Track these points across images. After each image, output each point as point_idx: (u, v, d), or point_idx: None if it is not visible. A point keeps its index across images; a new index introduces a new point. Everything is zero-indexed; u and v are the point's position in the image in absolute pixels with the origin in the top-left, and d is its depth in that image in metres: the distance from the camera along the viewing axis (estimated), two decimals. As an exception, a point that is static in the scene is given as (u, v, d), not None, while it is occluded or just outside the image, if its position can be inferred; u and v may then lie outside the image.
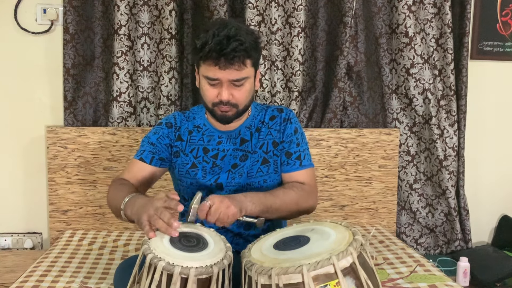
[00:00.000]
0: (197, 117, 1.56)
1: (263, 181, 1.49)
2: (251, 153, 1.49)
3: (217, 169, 1.48)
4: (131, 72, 2.17)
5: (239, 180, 1.47)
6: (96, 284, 1.54)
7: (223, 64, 1.32)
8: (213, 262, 1.08)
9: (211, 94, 1.39)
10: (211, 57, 1.32)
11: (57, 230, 2.15)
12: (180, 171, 1.52)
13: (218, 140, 1.51)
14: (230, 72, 1.34)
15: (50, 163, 2.13)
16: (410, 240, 2.41)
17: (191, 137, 1.52)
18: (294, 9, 2.20)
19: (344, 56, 2.23)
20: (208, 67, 1.35)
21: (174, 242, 1.12)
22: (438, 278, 1.56)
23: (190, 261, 1.06)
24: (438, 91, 2.32)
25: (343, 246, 1.04)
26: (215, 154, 1.49)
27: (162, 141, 1.51)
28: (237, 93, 1.38)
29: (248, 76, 1.39)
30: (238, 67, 1.34)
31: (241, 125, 1.52)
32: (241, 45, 1.31)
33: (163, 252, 1.07)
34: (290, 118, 1.52)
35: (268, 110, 1.55)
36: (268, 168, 1.49)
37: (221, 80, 1.36)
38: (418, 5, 2.28)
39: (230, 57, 1.31)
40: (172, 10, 2.12)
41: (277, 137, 1.51)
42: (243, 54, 1.33)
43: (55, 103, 2.21)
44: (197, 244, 1.14)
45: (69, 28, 2.11)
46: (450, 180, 2.33)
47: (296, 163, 1.49)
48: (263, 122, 1.53)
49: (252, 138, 1.51)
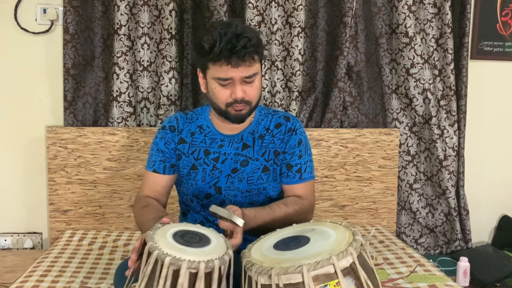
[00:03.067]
0: (200, 118, 1.55)
1: (263, 188, 1.48)
2: (252, 160, 1.48)
3: (216, 172, 1.47)
4: (131, 72, 2.17)
5: (238, 185, 1.47)
6: (96, 284, 1.54)
7: (235, 62, 1.32)
8: (216, 257, 1.08)
9: (223, 95, 1.38)
10: (223, 57, 1.31)
11: (57, 230, 2.15)
12: (181, 173, 1.52)
13: (220, 143, 1.50)
14: (242, 70, 1.34)
15: (50, 163, 2.13)
16: (410, 240, 2.41)
17: (193, 139, 1.51)
18: (294, 9, 2.20)
19: (344, 56, 2.23)
20: (219, 68, 1.34)
21: (177, 237, 1.12)
22: (438, 278, 1.57)
23: (196, 255, 1.06)
24: (438, 91, 2.32)
25: (343, 246, 1.04)
26: (216, 157, 1.49)
27: (169, 146, 1.51)
28: (249, 90, 1.38)
29: (258, 72, 1.40)
30: (249, 64, 1.34)
31: (244, 130, 1.50)
32: (250, 41, 1.32)
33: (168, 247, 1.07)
34: (296, 128, 1.51)
35: (275, 116, 1.54)
36: (268, 176, 1.48)
37: (233, 79, 1.35)
38: (418, 5, 2.28)
39: (241, 54, 1.31)
40: (172, 10, 2.12)
41: (280, 147, 1.49)
42: (252, 50, 1.33)
43: (55, 103, 2.21)
44: (200, 241, 1.14)
45: (69, 28, 2.11)
46: (450, 180, 2.33)
47: (296, 176, 1.49)
48: (267, 129, 1.51)
49: (254, 145, 1.49)
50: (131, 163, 2.15)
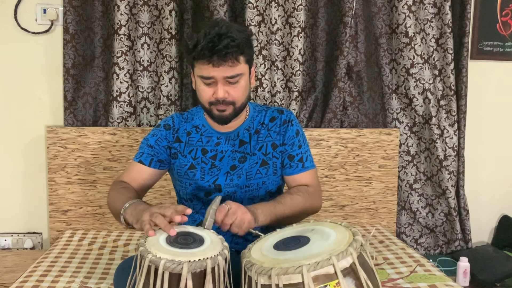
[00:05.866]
0: (195, 118, 1.56)
1: (262, 182, 1.49)
2: (250, 155, 1.49)
3: (215, 170, 1.48)
4: (131, 72, 2.17)
5: (237, 182, 1.47)
6: (96, 284, 1.54)
7: (216, 62, 1.32)
8: (207, 256, 1.08)
9: (206, 94, 1.40)
10: (204, 56, 1.32)
11: (57, 230, 2.15)
12: (178, 172, 1.52)
13: (217, 141, 1.51)
14: (224, 69, 1.34)
15: (50, 163, 2.13)
16: (410, 240, 2.41)
17: (189, 138, 1.52)
18: (294, 9, 2.20)
19: (344, 56, 2.23)
20: (202, 66, 1.35)
21: (171, 241, 1.13)
22: (438, 278, 1.56)
23: (183, 256, 1.06)
24: (438, 91, 2.32)
25: (343, 246, 1.04)
26: (213, 155, 1.49)
27: (160, 143, 1.52)
28: (233, 91, 1.39)
29: (243, 72, 1.39)
30: (232, 64, 1.34)
31: (239, 127, 1.51)
32: (233, 41, 1.32)
33: (155, 248, 1.09)
34: (291, 120, 1.53)
35: (268, 111, 1.55)
36: (267, 170, 1.49)
37: (216, 78, 1.36)
38: (418, 5, 2.28)
39: (222, 54, 1.31)
40: (172, 10, 2.12)
41: (277, 139, 1.51)
42: (236, 50, 1.33)
43: (55, 103, 2.21)
44: (193, 242, 1.14)
45: (69, 28, 2.11)
46: (450, 180, 2.33)
47: (299, 165, 1.50)
48: (262, 124, 1.53)
49: (251, 140, 1.51)
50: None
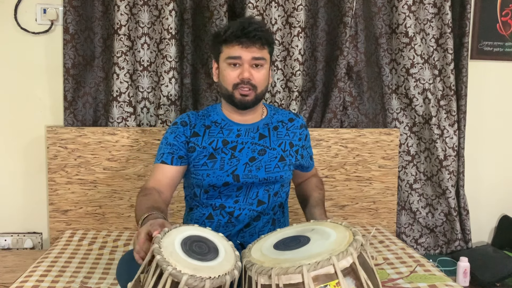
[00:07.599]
0: (212, 114, 1.59)
1: (280, 176, 1.55)
2: (269, 149, 1.55)
3: (235, 160, 1.51)
4: (131, 72, 2.17)
5: (256, 173, 1.51)
6: (96, 284, 1.54)
7: (245, 43, 1.45)
8: (225, 272, 1.05)
9: (231, 76, 1.48)
10: (235, 36, 1.45)
11: (57, 230, 2.15)
12: (195, 165, 1.52)
13: (237, 133, 1.55)
14: (252, 50, 1.46)
15: (50, 163, 2.13)
16: (410, 240, 2.41)
17: (209, 131, 1.55)
18: (294, 9, 2.20)
19: (344, 56, 2.23)
20: (231, 48, 1.47)
21: (187, 249, 1.09)
22: (438, 278, 1.57)
23: (203, 272, 1.02)
24: (438, 91, 2.32)
25: (343, 246, 1.04)
26: (233, 146, 1.53)
27: (179, 139, 1.54)
28: (257, 74, 1.48)
29: (266, 59, 1.50)
30: (259, 47, 1.47)
31: (259, 121, 1.59)
32: (262, 28, 1.47)
33: (173, 258, 1.03)
34: (304, 125, 1.68)
35: (285, 112, 1.68)
36: (284, 165, 1.56)
37: (243, 60, 1.46)
38: (418, 5, 2.28)
39: (252, 35, 1.44)
40: (172, 10, 2.12)
41: (294, 139, 1.61)
42: (264, 35, 1.47)
43: (55, 103, 2.21)
44: (208, 252, 1.11)
45: (69, 28, 2.11)
46: (450, 180, 2.33)
47: (312, 162, 1.74)
48: (282, 122, 1.62)
49: (270, 135, 1.58)
50: (131, 163, 2.15)
